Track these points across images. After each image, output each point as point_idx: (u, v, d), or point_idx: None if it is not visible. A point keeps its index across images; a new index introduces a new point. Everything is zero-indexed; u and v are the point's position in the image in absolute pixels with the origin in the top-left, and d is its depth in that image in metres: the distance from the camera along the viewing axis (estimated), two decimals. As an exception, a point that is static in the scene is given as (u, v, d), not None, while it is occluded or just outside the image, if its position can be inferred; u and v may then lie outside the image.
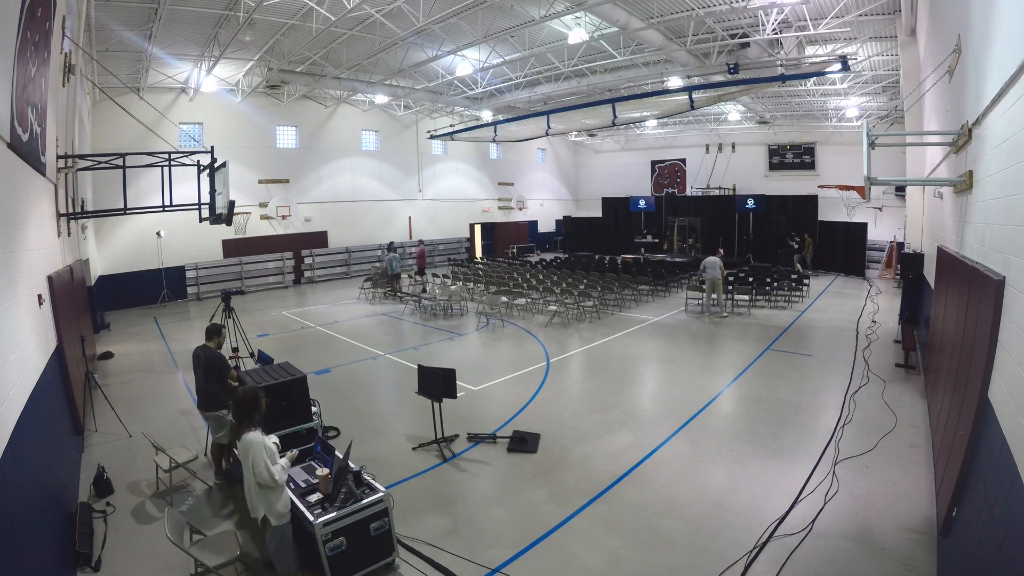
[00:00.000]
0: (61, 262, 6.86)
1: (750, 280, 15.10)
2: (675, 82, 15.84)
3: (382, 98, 20.72)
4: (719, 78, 14.75)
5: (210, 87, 16.81)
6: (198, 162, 9.19)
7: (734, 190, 26.00)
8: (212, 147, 9.38)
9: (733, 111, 22.58)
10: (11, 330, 3.71)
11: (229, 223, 8.99)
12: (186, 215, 11.01)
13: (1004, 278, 3.23)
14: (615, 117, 16.79)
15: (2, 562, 2.75)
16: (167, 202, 8.94)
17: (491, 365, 9.85)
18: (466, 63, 15.86)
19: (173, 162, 8.79)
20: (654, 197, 28.46)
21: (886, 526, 4.60)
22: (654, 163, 29.86)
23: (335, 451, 4.53)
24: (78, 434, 6.45)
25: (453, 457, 6.12)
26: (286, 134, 20.66)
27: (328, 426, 6.90)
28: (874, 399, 7.55)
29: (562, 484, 5.49)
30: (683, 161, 28.72)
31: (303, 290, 19.65)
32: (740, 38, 13.11)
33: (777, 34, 12.31)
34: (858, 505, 4.93)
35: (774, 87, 15.84)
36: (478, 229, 28.69)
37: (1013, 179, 3.11)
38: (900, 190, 19.14)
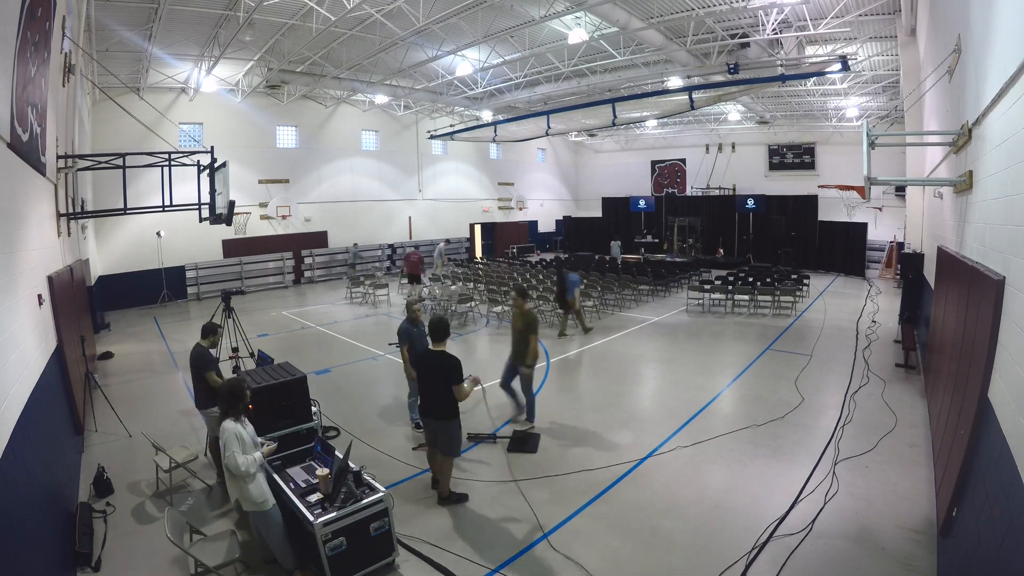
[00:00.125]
0: (61, 262, 6.86)
1: (751, 280, 15.10)
2: (675, 82, 15.84)
3: (382, 98, 20.71)
4: (719, 78, 14.75)
5: (210, 87, 16.81)
6: (198, 162, 9.18)
7: (734, 190, 26.01)
8: (212, 147, 9.38)
9: (733, 111, 22.57)
10: (11, 330, 3.71)
11: (229, 223, 8.99)
12: (186, 215, 11.00)
13: (1004, 278, 3.23)
14: (615, 117, 16.78)
15: (2, 562, 2.75)
16: (167, 202, 8.94)
17: (491, 365, 9.84)
18: (466, 63, 15.86)
19: (173, 162, 8.79)
20: (654, 197, 28.46)
21: (886, 526, 4.60)
22: (654, 163, 29.85)
23: (335, 451, 4.53)
24: (78, 434, 6.45)
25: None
26: (286, 134, 20.66)
27: (328, 426, 6.91)
28: (874, 399, 7.56)
29: (562, 484, 5.49)
30: (683, 161, 28.72)
31: (303, 290, 19.64)
32: (740, 38, 13.11)
33: (777, 34, 12.31)
34: (858, 505, 4.93)
35: (774, 87, 15.84)
36: (478, 229, 28.68)
37: (1013, 179, 3.12)
38: (900, 190, 19.14)
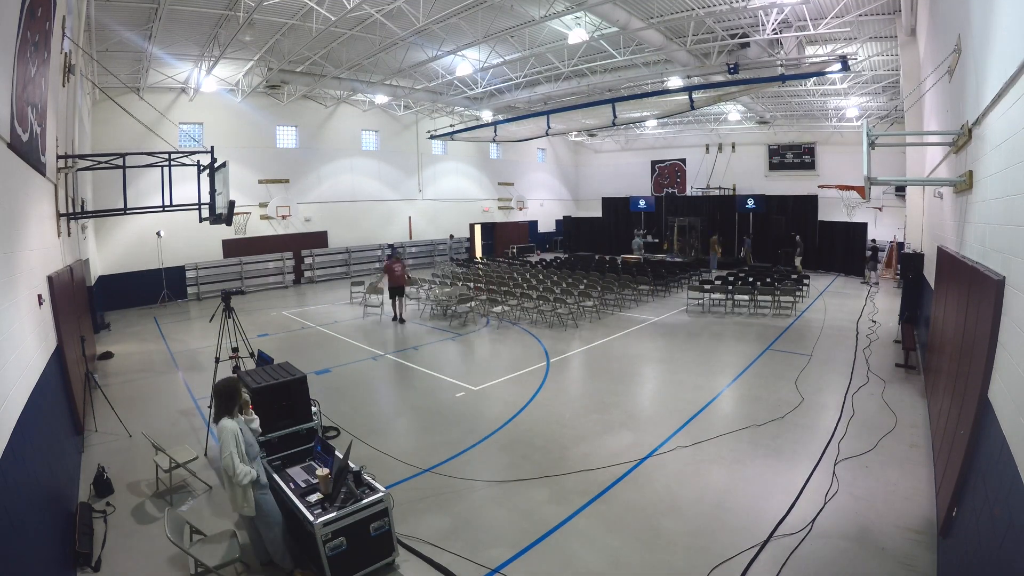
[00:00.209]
0: (61, 262, 6.86)
1: (751, 280, 15.10)
2: (675, 82, 15.84)
3: (382, 98, 20.71)
4: (719, 78, 14.75)
5: (210, 87, 16.81)
6: (198, 162, 9.18)
7: (734, 190, 26.01)
8: (212, 147, 9.37)
9: (733, 111, 22.58)
10: (11, 330, 3.71)
11: (229, 223, 8.98)
12: (186, 215, 10.99)
13: (1004, 278, 3.23)
14: (615, 117, 16.80)
15: (2, 562, 2.75)
16: (167, 202, 8.93)
17: (491, 365, 9.86)
18: (466, 63, 15.86)
19: (173, 162, 8.79)
20: (654, 197, 28.44)
21: (886, 526, 4.60)
22: (654, 163, 29.85)
23: (335, 451, 4.53)
24: (78, 434, 6.45)
25: (454, 456, 6.13)
26: (286, 134, 20.66)
27: (328, 426, 6.91)
28: (874, 399, 7.55)
29: (562, 484, 5.49)
30: (683, 161, 28.72)
31: (303, 290, 19.63)
32: (740, 38, 13.11)
33: (777, 34, 12.31)
34: (858, 505, 4.93)
35: (774, 87, 15.85)
36: (478, 229, 28.69)
37: (1013, 179, 3.12)
38: (900, 190, 19.15)
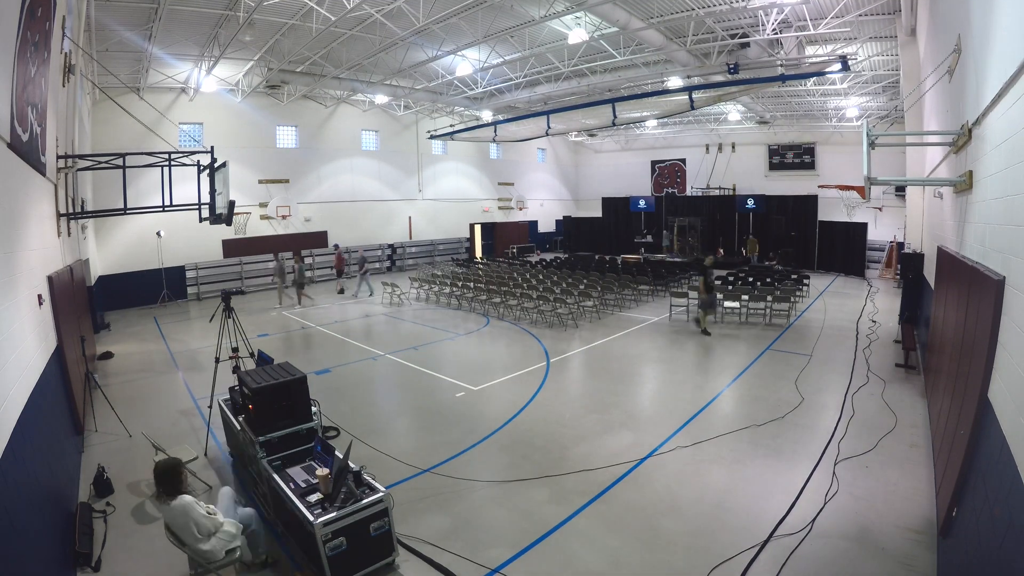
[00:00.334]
0: (61, 262, 6.86)
1: (751, 280, 15.09)
2: (675, 82, 15.84)
3: (382, 98, 20.71)
4: (719, 78, 14.75)
5: (210, 87, 16.81)
6: (198, 162, 9.18)
7: (734, 190, 26.00)
8: (212, 147, 9.38)
9: (733, 111, 22.57)
10: (11, 330, 3.71)
11: (229, 223, 8.99)
12: (186, 215, 10.99)
13: (1004, 278, 3.23)
14: (615, 117, 16.80)
15: (2, 562, 2.75)
16: (167, 202, 8.94)
17: (491, 365, 9.85)
18: (466, 63, 15.86)
19: (173, 162, 8.79)
20: (654, 197, 28.45)
21: (886, 526, 4.60)
22: (654, 163, 29.84)
23: (335, 451, 4.53)
24: (78, 434, 6.45)
25: (454, 456, 6.12)
26: (286, 134, 20.66)
27: (328, 426, 6.91)
28: (874, 399, 7.55)
29: (562, 484, 5.49)
30: (683, 161, 28.71)
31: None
32: (740, 38, 13.11)
33: (777, 34, 12.31)
34: (858, 505, 4.93)
35: (774, 87, 15.85)
36: (478, 229, 28.69)
37: (1013, 179, 3.11)
38: (900, 190, 19.13)
